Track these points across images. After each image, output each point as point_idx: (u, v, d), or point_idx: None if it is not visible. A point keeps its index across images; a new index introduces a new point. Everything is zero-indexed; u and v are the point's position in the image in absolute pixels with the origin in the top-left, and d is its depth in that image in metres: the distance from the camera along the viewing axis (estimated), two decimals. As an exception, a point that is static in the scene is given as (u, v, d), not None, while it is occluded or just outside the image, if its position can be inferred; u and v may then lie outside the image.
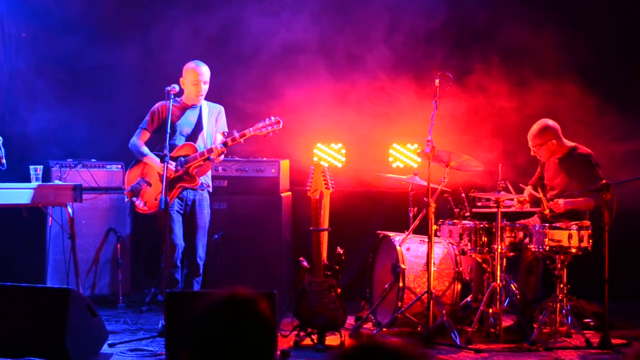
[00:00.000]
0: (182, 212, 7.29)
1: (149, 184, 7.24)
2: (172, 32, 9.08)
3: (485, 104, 8.68)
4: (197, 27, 9.28)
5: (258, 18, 9.02)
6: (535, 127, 7.54)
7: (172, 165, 7.07)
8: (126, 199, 7.38)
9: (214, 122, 7.37)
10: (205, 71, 7.28)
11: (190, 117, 7.30)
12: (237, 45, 9.09)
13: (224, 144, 7.11)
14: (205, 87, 7.27)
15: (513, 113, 8.62)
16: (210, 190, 7.45)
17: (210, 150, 7.10)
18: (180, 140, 7.24)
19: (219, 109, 7.45)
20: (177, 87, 7.10)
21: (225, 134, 7.27)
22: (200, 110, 7.34)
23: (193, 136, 7.29)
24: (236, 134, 7.11)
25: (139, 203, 7.26)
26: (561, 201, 7.30)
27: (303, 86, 8.96)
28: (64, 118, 8.89)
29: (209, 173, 7.42)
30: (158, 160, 7.20)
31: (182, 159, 7.13)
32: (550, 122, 7.55)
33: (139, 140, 7.36)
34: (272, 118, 7.12)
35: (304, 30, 9.01)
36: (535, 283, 7.28)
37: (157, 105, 7.38)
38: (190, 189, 7.24)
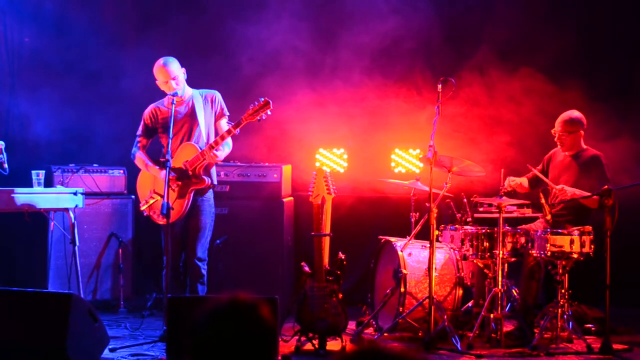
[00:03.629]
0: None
1: (161, 196, 7.16)
2: (175, 38, 9.10)
3: (487, 109, 8.69)
4: (196, 33, 9.32)
5: (259, 24, 9.03)
6: (569, 114, 7.48)
7: (163, 173, 6.97)
8: (145, 214, 7.33)
9: (210, 109, 7.22)
10: (171, 68, 7.10)
11: (183, 112, 7.16)
12: (236, 52, 9.10)
13: (222, 137, 7.02)
14: (173, 83, 7.08)
15: (516, 118, 8.61)
16: (216, 184, 7.32)
17: (210, 148, 7.02)
18: (179, 141, 7.13)
19: (212, 93, 7.28)
20: (178, 93, 7.08)
21: (227, 117, 7.21)
22: (192, 103, 7.20)
23: (191, 132, 7.17)
24: (230, 125, 7.05)
25: (156, 217, 7.21)
26: (568, 189, 7.26)
27: (305, 92, 8.97)
28: (67, 123, 8.90)
29: (213, 169, 7.29)
30: (160, 171, 7.14)
31: (185, 162, 7.04)
32: (580, 114, 7.52)
33: (139, 151, 7.32)
34: (261, 99, 6.96)
35: (306, 36, 9.02)
36: (536, 288, 7.28)
37: (147, 110, 7.34)
38: (202, 189, 7.18)
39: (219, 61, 9.15)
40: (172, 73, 7.09)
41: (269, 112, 6.97)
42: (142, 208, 7.27)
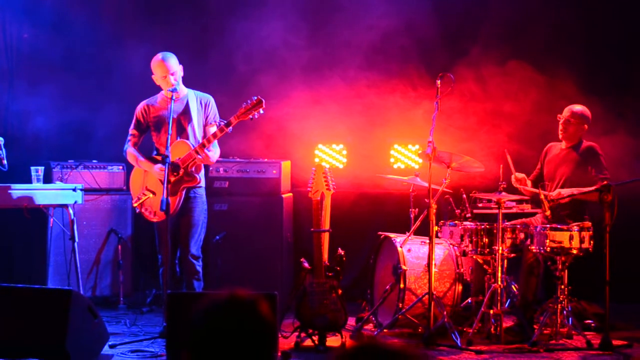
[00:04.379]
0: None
1: (153, 193, 7.14)
2: (175, 34, 9.09)
3: (485, 104, 8.68)
4: (198, 28, 9.31)
5: (257, 21, 9.03)
6: (579, 107, 7.57)
7: (158, 166, 6.97)
8: (137, 211, 7.32)
9: (202, 112, 7.20)
10: (170, 63, 7.09)
11: (177, 110, 7.13)
12: (234, 50, 9.08)
13: (214, 135, 7.00)
14: (172, 78, 7.06)
15: (514, 113, 8.61)
16: (203, 185, 7.28)
17: (202, 146, 7.01)
18: (172, 138, 7.01)
19: (207, 98, 7.26)
20: (177, 89, 7.06)
21: (218, 124, 7.18)
22: (187, 101, 7.18)
23: (183, 129, 7.15)
24: (222, 123, 7.01)
25: (148, 214, 7.20)
26: (564, 191, 7.30)
27: (304, 88, 8.96)
28: (66, 119, 8.89)
29: (202, 169, 7.28)
30: (153, 165, 7.13)
31: (177, 159, 7.00)
32: (589, 112, 7.59)
33: (131, 147, 7.27)
34: (254, 98, 6.92)
35: (304, 33, 9.02)
36: (536, 284, 7.28)
37: (139, 106, 7.31)
38: (193, 187, 7.15)
39: (218, 58, 9.14)
40: (171, 68, 7.08)
41: (261, 111, 6.94)
42: (135, 205, 7.26)
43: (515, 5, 9.16)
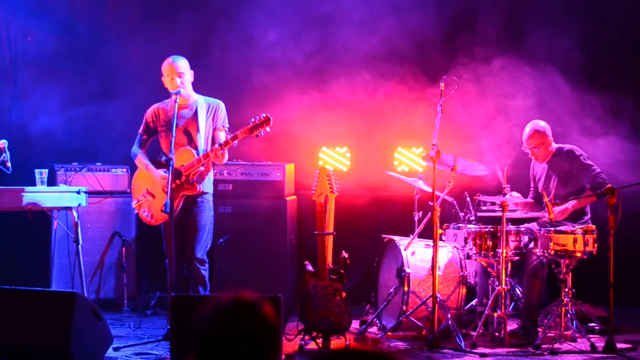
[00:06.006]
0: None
1: (153, 196, 7.13)
2: (181, 36, 9.10)
3: (489, 105, 8.67)
4: (202, 31, 9.32)
5: (260, 24, 9.03)
6: (528, 130, 7.55)
7: (161, 172, 6.97)
8: (135, 211, 7.31)
9: (211, 118, 7.14)
10: (177, 64, 7.07)
11: (186, 116, 7.12)
12: (238, 52, 9.09)
13: (220, 145, 6.94)
14: (179, 80, 7.03)
15: (518, 114, 8.60)
16: (209, 192, 7.18)
17: (206, 156, 6.99)
18: (178, 142, 6.98)
19: (217, 103, 7.20)
20: (182, 92, 7.05)
21: (227, 130, 7.16)
22: (196, 107, 7.14)
23: (190, 136, 7.11)
24: (228, 137, 6.97)
25: (145, 216, 7.19)
26: (562, 208, 7.28)
27: (308, 90, 8.96)
28: (70, 121, 8.90)
29: (210, 176, 7.21)
30: (156, 170, 7.11)
31: (180, 167, 6.96)
32: (542, 123, 7.56)
33: (139, 149, 7.25)
34: (263, 115, 6.83)
35: (309, 36, 9.02)
36: (540, 287, 7.27)
37: (149, 109, 7.28)
38: (192, 196, 7.10)
39: (221, 61, 9.14)
40: (177, 68, 7.06)
41: (268, 129, 6.86)
42: (134, 206, 7.28)
43: (513, 3, 9.16)
